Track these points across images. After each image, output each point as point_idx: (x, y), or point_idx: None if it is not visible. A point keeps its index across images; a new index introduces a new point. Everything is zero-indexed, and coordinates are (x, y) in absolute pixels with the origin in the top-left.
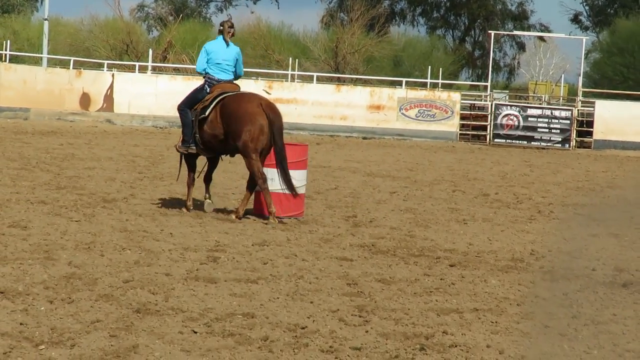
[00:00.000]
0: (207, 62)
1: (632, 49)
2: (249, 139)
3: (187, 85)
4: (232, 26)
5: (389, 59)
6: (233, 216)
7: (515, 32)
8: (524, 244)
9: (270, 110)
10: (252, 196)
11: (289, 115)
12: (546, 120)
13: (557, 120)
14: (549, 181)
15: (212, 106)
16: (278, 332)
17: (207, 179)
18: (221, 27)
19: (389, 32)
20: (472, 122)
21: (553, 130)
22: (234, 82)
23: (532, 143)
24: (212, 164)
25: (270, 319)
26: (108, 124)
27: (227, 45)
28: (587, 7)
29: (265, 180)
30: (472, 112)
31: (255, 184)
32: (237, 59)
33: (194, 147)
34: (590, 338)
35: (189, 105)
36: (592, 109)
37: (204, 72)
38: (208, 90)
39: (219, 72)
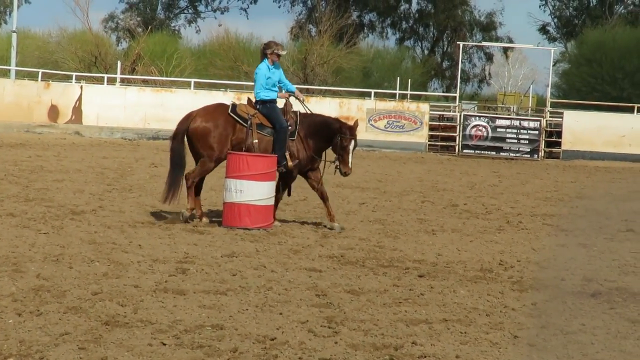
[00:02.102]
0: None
1: (600, 60)
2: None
3: (156, 97)
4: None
5: (358, 70)
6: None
7: (484, 43)
8: (493, 254)
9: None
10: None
11: None
12: (515, 130)
13: (525, 131)
14: (518, 191)
15: None
16: (247, 343)
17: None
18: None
19: (358, 43)
20: (441, 133)
21: (522, 141)
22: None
23: (501, 154)
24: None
25: (240, 330)
26: (77, 136)
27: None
28: (555, 18)
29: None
30: (441, 123)
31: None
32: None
33: None
34: (559, 348)
35: None
36: (560, 119)
37: None
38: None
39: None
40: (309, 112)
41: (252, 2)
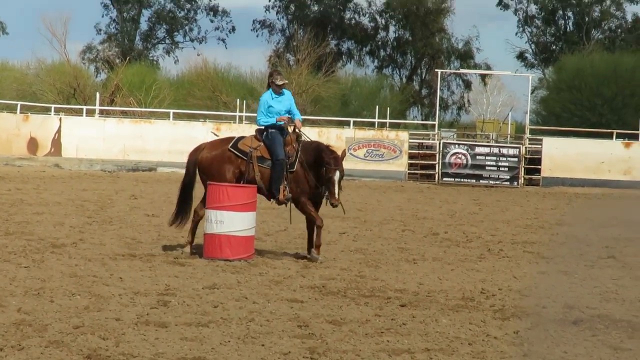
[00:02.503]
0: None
1: (579, 86)
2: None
3: (135, 128)
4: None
5: (337, 98)
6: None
7: (462, 71)
8: (474, 282)
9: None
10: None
11: None
12: (494, 158)
13: (505, 158)
14: (498, 219)
15: None
16: None
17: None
18: None
19: (336, 72)
20: (421, 161)
21: (501, 168)
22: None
23: (481, 181)
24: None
25: None
26: (56, 169)
27: None
28: (532, 45)
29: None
30: (421, 151)
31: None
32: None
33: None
34: None
35: None
36: (539, 146)
37: None
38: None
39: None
40: (308, 139)
41: (230, 31)
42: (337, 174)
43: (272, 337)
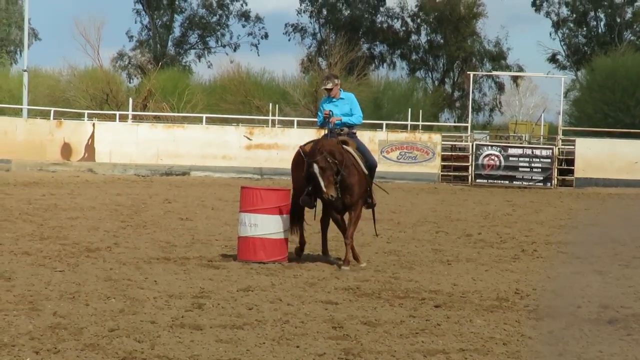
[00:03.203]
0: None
1: (612, 86)
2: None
3: (168, 133)
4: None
5: (369, 101)
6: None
7: (494, 73)
8: (509, 283)
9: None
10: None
11: (270, 160)
12: (527, 159)
13: (538, 159)
14: (532, 220)
15: None
16: None
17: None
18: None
19: (369, 75)
20: (454, 163)
21: (534, 170)
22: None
23: (514, 182)
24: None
25: None
26: (90, 174)
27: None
28: (564, 47)
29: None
30: (453, 153)
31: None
32: None
33: None
34: None
35: None
36: (572, 147)
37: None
38: None
39: None
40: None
41: (263, 37)
42: (315, 166)
43: (306, 338)
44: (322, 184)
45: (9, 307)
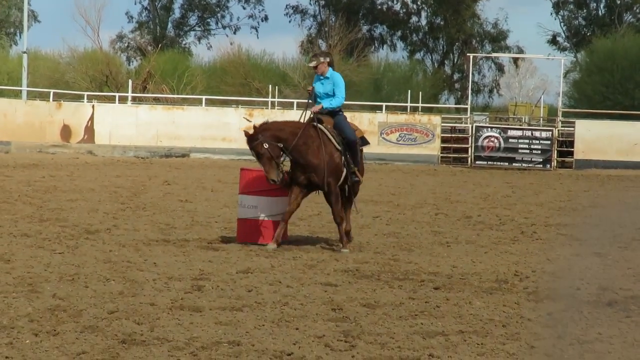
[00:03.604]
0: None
1: (611, 68)
2: None
3: (167, 115)
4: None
5: (369, 83)
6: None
7: (493, 54)
8: (508, 265)
9: None
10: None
11: None
12: (527, 141)
13: (537, 141)
14: (531, 202)
15: None
16: (264, 359)
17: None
18: (330, 59)
19: (368, 57)
20: (453, 145)
21: (534, 151)
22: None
23: (514, 164)
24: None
25: (256, 346)
26: (89, 156)
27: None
28: (564, 28)
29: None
30: (453, 135)
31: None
32: None
33: None
34: (576, 358)
35: None
36: (572, 128)
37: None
38: None
39: None
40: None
41: (263, 20)
42: (252, 153)
43: (306, 320)
44: (263, 168)
45: (8, 289)
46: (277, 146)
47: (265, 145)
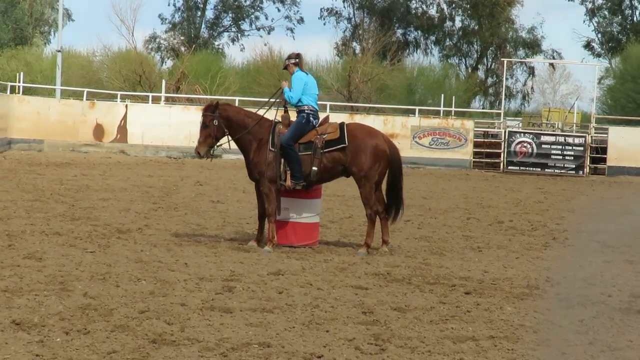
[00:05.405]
0: (302, 94)
1: None
2: (376, 172)
3: (200, 115)
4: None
5: (402, 87)
6: (364, 250)
7: (528, 59)
8: (539, 271)
9: (392, 147)
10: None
11: None
12: (560, 147)
13: (570, 147)
14: (564, 208)
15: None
16: None
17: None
18: (298, 60)
19: (402, 60)
20: (486, 150)
21: (567, 157)
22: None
23: (546, 170)
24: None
25: (287, 348)
26: (122, 155)
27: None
28: (599, 34)
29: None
30: (486, 140)
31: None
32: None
33: (303, 183)
34: None
35: (296, 140)
36: (605, 135)
37: (302, 104)
38: (314, 123)
39: (315, 103)
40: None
41: (299, 22)
42: (199, 119)
43: (336, 323)
44: (198, 138)
45: (39, 287)
46: (224, 131)
47: (215, 122)
